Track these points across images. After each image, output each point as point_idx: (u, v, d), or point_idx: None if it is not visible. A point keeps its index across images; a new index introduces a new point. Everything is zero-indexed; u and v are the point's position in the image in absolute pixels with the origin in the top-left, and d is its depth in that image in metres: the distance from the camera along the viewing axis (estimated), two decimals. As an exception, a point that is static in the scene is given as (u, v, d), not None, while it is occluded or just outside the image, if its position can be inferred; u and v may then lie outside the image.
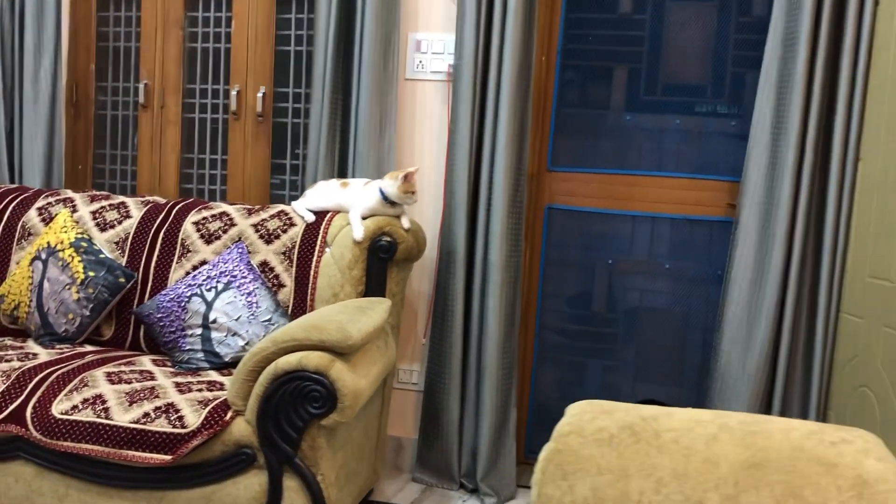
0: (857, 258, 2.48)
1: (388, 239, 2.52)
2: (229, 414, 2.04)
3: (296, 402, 1.97)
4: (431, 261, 2.93)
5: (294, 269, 2.58)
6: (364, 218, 2.57)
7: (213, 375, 2.33)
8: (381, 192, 2.57)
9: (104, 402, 2.08)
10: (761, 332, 2.60)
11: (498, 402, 2.77)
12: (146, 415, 2.04)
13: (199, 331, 2.43)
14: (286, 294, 2.56)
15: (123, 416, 2.04)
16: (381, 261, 2.53)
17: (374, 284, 2.53)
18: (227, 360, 2.41)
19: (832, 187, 2.54)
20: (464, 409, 2.84)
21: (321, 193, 2.69)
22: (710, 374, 2.76)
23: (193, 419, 2.02)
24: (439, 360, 2.84)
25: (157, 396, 2.10)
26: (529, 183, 2.95)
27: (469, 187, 2.77)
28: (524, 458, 3.18)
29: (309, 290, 2.55)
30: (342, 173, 2.92)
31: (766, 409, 2.66)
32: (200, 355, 2.40)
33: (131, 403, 2.07)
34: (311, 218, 2.64)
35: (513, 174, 2.74)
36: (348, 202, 2.63)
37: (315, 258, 2.57)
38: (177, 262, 2.63)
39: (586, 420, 1.31)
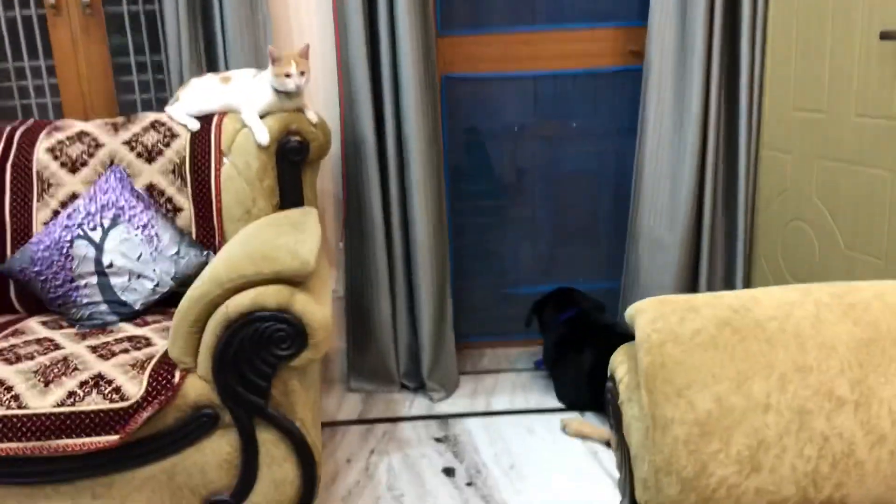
0: (777, 92, 2.46)
1: (298, 138, 2.18)
2: (177, 374, 1.71)
3: (259, 348, 1.68)
4: (335, 155, 2.62)
5: (189, 188, 2.19)
6: (261, 117, 2.20)
7: (129, 329, 1.96)
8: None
9: (9, 388, 1.68)
10: (685, 180, 2.57)
11: (435, 295, 2.59)
12: (72, 394, 1.67)
13: (93, 279, 2.02)
14: (185, 219, 2.18)
15: (42, 402, 1.66)
16: (294, 165, 2.20)
17: (289, 193, 2.21)
18: (137, 307, 2.04)
19: (745, 23, 2.48)
20: (395, 309, 2.65)
21: (199, 93, 2.26)
22: (631, 231, 2.72)
23: (134, 388, 1.68)
24: (361, 263, 2.60)
25: (76, 369, 1.73)
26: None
27: (368, 62, 2.44)
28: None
29: (214, 211, 2.18)
30: (212, 66, 2.48)
31: (696, 250, 2.67)
32: (104, 307, 2.01)
33: (47, 384, 1.69)
34: (195, 125, 2.22)
35: (420, 37, 2.42)
36: (237, 100, 2.24)
37: (213, 172, 2.19)
38: (38, 201, 2.15)
39: (674, 322, 1.16)
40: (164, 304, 2.07)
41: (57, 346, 1.84)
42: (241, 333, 1.67)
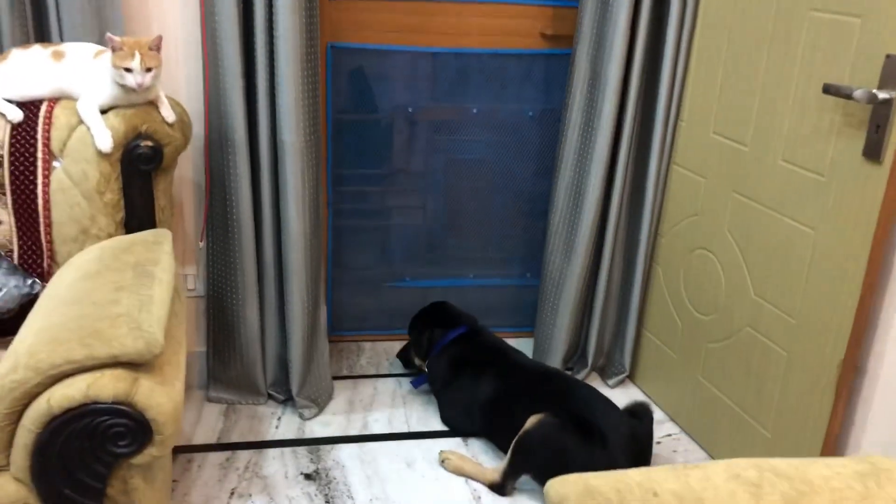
0: (697, 110, 2.26)
1: (150, 144, 1.80)
2: (-16, 475, 1.39)
3: (91, 445, 1.38)
4: (198, 138, 2.23)
5: (8, 196, 1.78)
6: (104, 111, 1.80)
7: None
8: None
9: None
10: (592, 180, 2.37)
11: (308, 304, 2.31)
12: None
13: None
14: (4, 233, 1.78)
15: None
16: (144, 174, 1.82)
17: (137, 208, 1.84)
18: (-62, 354, 1.66)
19: (672, 24, 2.23)
20: (263, 316, 2.35)
21: (22, 72, 1.81)
22: (548, 228, 2.52)
23: (-75, 494, 1.35)
24: (225, 264, 2.26)
25: None
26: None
27: (240, 29, 2.03)
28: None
29: (42, 227, 1.79)
30: (43, 32, 2.00)
31: (597, 257, 2.51)
32: None
33: None
34: (15, 114, 1.79)
35: (301, 6, 2.04)
36: (72, 86, 1.82)
37: (40, 179, 1.78)
38: None
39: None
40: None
41: None
42: (67, 429, 1.36)
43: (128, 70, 1.74)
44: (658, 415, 2.47)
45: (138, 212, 1.84)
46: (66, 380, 1.36)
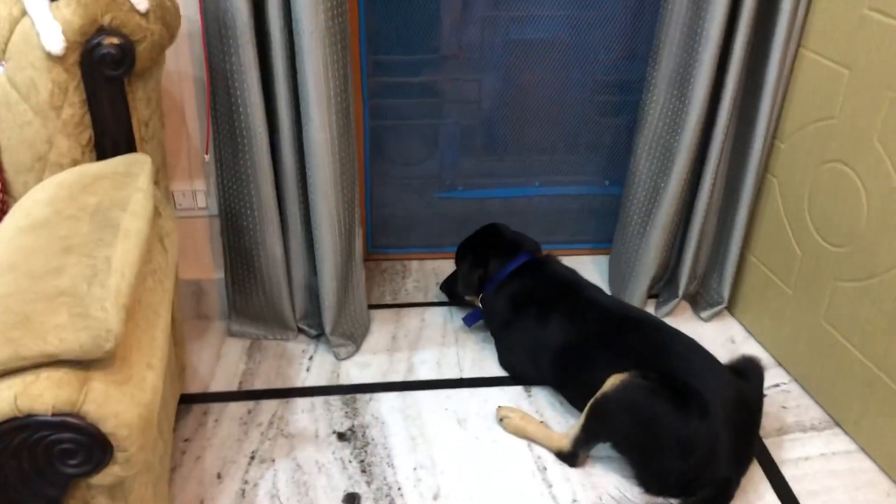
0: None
1: (116, 41, 1.36)
2: None
3: (36, 466, 1.04)
4: (193, 23, 1.78)
5: (-56, 114, 1.38)
6: (54, -2, 1.36)
7: None
8: (76, -58, 1.33)
9: None
10: (702, 69, 1.85)
11: (340, 227, 1.90)
12: None
13: None
14: (-56, 161, 1.40)
15: None
16: (112, 81, 1.39)
17: (108, 125, 1.42)
18: None
19: None
20: (287, 239, 1.96)
21: (-49, -55, 1.38)
22: (639, 125, 2.03)
23: None
24: (237, 179, 1.86)
25: None
26: None
27: None
28: (366, 254, 2.43)
29: (-13, 153, 1.40)
30: None
31: (700, 163, 2.02)
32: None
33: None
34: (-55, 4, 1.37)
35: None
36: (13, -37, 1.37)
37: (-21, 90, 1.38)
38: None
39: None
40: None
41: None
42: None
43: None
44: (763, 356, 2.04)
45: (110, 130, 1.43)
46: (-10, 384, 1.01)
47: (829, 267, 1.80)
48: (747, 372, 1.74)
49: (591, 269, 2.39)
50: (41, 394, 0.99)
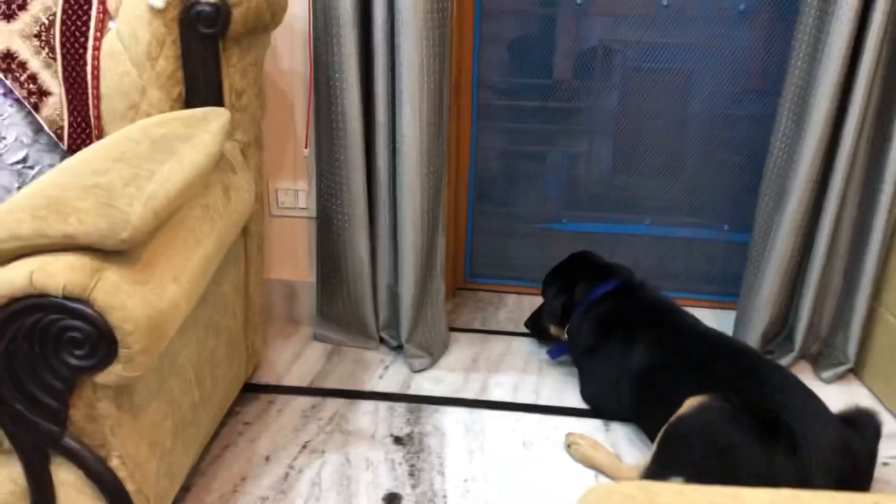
0: None
1: (212, 0, 1.45)
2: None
3: (44, 351, 1.05)
4: (302, 26, 1.87)
5: (59, 62, 1.51)
6: (167, -37, 1.47)
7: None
8: (192, -87, 1.45)
9: None
10: (821, 91, 1.70)
11: (422, 234, 1.88)
12: None
13: None
14: (54, 107, 1.52)
15: None
16: (207, 39, 1.47)
17: (199, 82, 1.50)
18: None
19: None
20: (375, 243, 1.96)
21: (92, -79, 1.54)
22: (765, 164, 1.88)
23: None
24: (332, 178, 1.89)
25: None
26: None
27: None
28: (464, 282, 2.38)
29: (90, 101, 1.51)
30: None
31: (819, 203, 1.84)
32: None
33: None
34: (77, -32, 1.52)
35: None
36: (139, -66, 1.51)
37: (91, 41, 1.50)
38: None
39: None
40: None
41: None
42: (12, 327, 1.04)
43: None
44: (891, 426, 1.77)
45: (201, 89, 1.50)
46: (14, 262, 1.04)
47: (968, 314, 1.55)
48: (860, 423, 1.49)
49: (710, 323, 2.20)
50: (56, 273, 1.01)
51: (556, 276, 1.97)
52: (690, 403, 1.46)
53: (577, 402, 1.86)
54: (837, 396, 1.89)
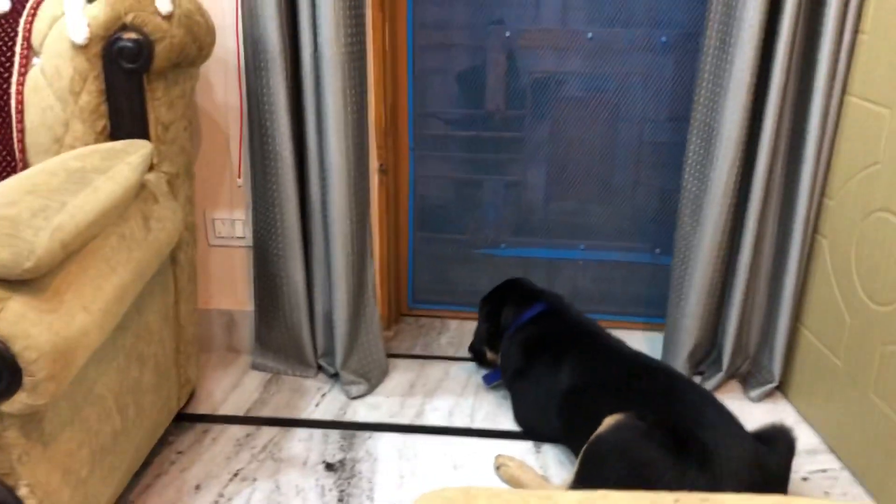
0: (883, 16, 1.60)
1: (135, 36, 1.48)
2: None
3: (-54, 380, 1.07)
4: (232, 60, 1.91)
5: (-15, 97, 1.54)
6: (91, 1, 1.51)
7: None
8: (115, -48, 1.49)
9: None
10: (727, 115, 1.77)
11: (353, 257, 1.91)
12: None
13: None
14: (-19, 141, 1.54)
15: None
16: (130, 74, 1.51)
17: (124, 116, 1.53)
18: None
19: None
20: (310, 268, 1.99)
21: (20, -40, 1.58)
22: (681, 186, 1.94)
23: None
24: (267, 207, 1.92)
25: None
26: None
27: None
28: (407, 309, 2.41)
29: (14, 133, 1.53)
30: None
31: (738, 223, 1.90)
32: None
33: None
34: (2, 5, 1.55)
35: None
36: (65, -27, 1.55)
37: (15, 76, 1.52)
38: None
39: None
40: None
41: None
42: (-85, 357, 1.05)
43: None
44: (813, 442, 1.81)
45: (126, 123, 1.53)
46: (-82, 292, 1.06)
47: (876, 330, 1.60)
48: (774, 440, 1.54)
49: (642, 346, 2.24)
50: (-41, 303, 1.03)
51: (486, 302, 2.01)
52: (608, 422, 1.50)
53: (510, 425, 1.89)
54: (764, 415, 1.93)
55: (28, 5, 1.55)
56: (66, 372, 1.11)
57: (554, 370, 1.76)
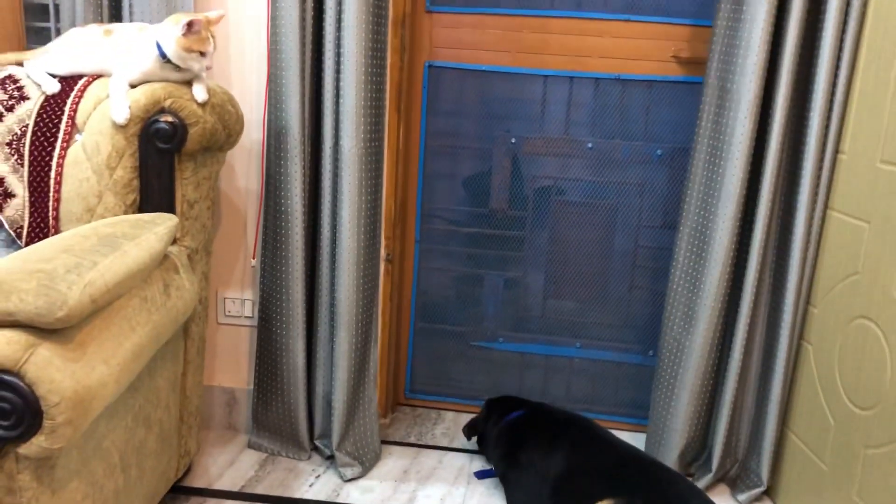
0: (861, 137, 1.74)
1: (171, 119, 1.61)
2: None
3: (-29, 420, 1.13)
4: (257, 149, 2.05)
5: (26, 168, 1.65)
6: (135, 86, 1.65)
7: None
8: (159, 46, 1.64)
9: None
10: (719, 225, 1.88)
11: (356, 341, 1.98)
12: None
13: None
14: (17, 208, 1.65)
15: None
16: (163, 153, 1.63)
17: (153, 191, 1.64)
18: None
19: (829, 23, 1.76)
20: (312, 352, 2.06)
21: (71, 47, 1.73)
22: (667, 289, 2.04)
23: None
24: (275, 287, 2.01)
25: None
26: (397, 28, 2.05)
27: (301, 36, 1.85)
28: (404, 398, 2.46)
29: (50, 202, 1.64)
30: (116, 16, 1.95)
31: (729, 329, 1.98)
32: None
33: None
34: (53, 87, 1.69)
35: (369, 15, 1.83)
36: (113, 62, 1.70)
37: (57, 150, 1.65)
38: None
39: None
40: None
41: None
42: (-55, 396, 1.12)
43: (202, 54, 1.64)
44: (799, 547, 1.83)
45: (154, 197, 1.64)
46: (-45, 334, 1.13)
47: (859, 434, 1.66)
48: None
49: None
50: (-8, 346, 1.10)
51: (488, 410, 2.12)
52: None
53: (500, 514, 1.92)
54: (752, 518, 1.96)
55: (76, 87, 1.69)
56: (83, 419, 1.17)
57: (547, 456, 1.80)
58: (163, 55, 1.64)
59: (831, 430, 1.77)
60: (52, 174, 1.63)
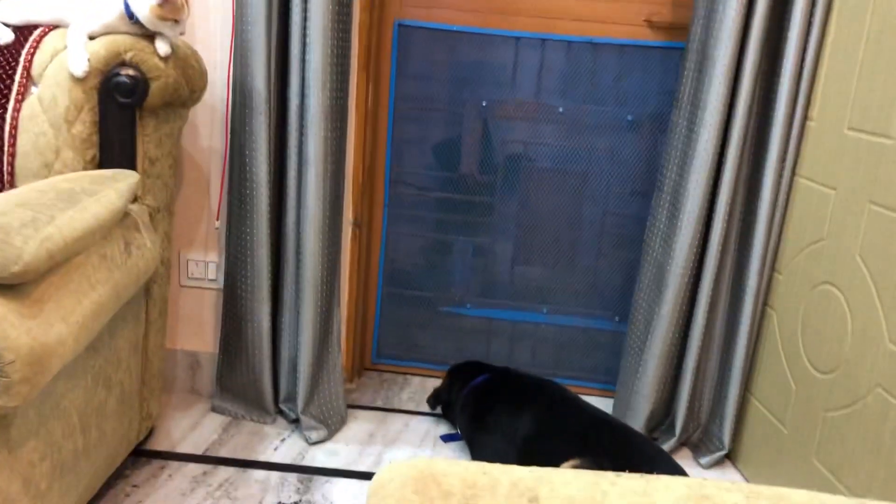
0: (830, 104, 1.74)
1: (132, 73, 1.56)
2: None
3: (-79, 377, 1.09)
4: (226, 104, 2.00)
5: (-20, 121, 1.59)
6: (93, 38, 1.59)
7: None
8: (127, 5, 1.58)
9: None
10: (691, 192, 1.88)
11: (321, 305, 1.96)
12: None
13: None
14: (-29, 162, 1.59)
15: None
16: (123, 108, 1.58)
17: (114, 147, 1.59)
18: None
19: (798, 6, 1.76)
20: (278, 315, 2.03)
21: (28, -3, 1.67)
22: (641, 257, 2.04)
23: None
24: (240, 249, 1.98)
25: None
26: (368, -13, 2.01)
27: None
28: (370, 363, 2.44)
29: (6, 158, 1.58)
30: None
31: (694, 295, 1.99)
32: None
33: None
34: (6, 36, 1.62)
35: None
36: (69, 11, 1.63)
37: (12, 102, 1.59)
38: None
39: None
40: None
41: None
42: None
43: (175, 21, 1.59)
44: (759, 508, 1.86)
45: (115, 154, 1.59)
46: None
47: (818, 397, 1.68)
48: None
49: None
50: (-57, 302, 1.06)
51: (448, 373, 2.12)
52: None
53: (465, 477, 1.91)
54: (714, 480, 1.98)
55: (31, 38, 1.62)
56: (40, 377, 1.14)
57: (513, 418, 1.81)
58: (130, 15, 1.58)
59: (793, 394, 1.79)
60: (7, 127, 1.58)
